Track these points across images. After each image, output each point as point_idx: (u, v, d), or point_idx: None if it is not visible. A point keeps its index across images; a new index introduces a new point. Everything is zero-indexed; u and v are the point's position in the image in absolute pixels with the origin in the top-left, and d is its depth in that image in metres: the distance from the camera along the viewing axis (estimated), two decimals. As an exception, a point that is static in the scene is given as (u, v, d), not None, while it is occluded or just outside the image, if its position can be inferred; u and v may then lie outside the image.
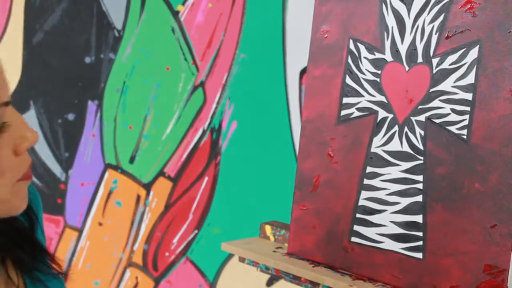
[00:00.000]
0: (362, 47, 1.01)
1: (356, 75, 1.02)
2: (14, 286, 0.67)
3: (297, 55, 1.34)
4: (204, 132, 1.58)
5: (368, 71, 1.00)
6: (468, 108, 0.88)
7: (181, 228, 1.64)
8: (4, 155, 0.58)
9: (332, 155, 1.04)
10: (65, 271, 0.75)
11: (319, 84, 1.07)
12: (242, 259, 1.16)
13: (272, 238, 1.21)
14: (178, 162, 1.65)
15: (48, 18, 1.84)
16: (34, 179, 1.85)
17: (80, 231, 1.84)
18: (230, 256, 1.51)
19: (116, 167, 1.76)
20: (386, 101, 0.98)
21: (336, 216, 1.04)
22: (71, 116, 1.81)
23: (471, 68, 0.87)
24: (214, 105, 1.55)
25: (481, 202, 0.86)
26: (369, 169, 1.00)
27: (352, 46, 1.03)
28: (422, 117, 0.93)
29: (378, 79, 0.99)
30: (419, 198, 0.93)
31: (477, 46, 0.87)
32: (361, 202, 1.00)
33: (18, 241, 0.69)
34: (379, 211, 0.98)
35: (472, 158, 0.87)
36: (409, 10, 0.95)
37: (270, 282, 1.43)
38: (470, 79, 0.88)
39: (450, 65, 0.90)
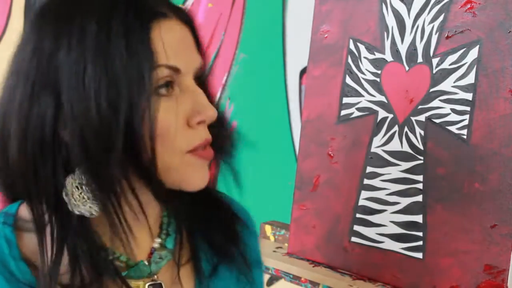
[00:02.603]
0: (362, 47, 1.01)
1: (356, 75, 1.02)
2: (181, 285, 0.68)
3: (297, 55, 1.34)
4: (204, 132, 1.58)
5: (368, 71, 1.00)
6: (468, 108, 0.88)
7: (181, 228, 1.64)
8: (172, 120, 0.59)
9: (332, 155, 1.04)
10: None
11: (319, 84, 1.07)
12: (242, 259, 1.16)
13: (272, 238, 1.21)
14: (178, 162, 1.65)
15: (48, 18, 1.84)
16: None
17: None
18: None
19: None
20: (386, 101, 0.98)
21: (336, 216, 1.04)
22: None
23: (471, 68, 0.87)
24: (214, 105, 1.55)
25: (481, 202, 0.86)
26: (369, 169, 1.00)
27: (352, 46, 1.03)
28: (422, 117, 0.93)
29: (378, 79, 0.99)
30: (419, 198, 0.93)
31: (477, 46, 0.87)
32: (361, 202, 1.00)
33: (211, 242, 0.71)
34: (379, 211, 0.98)
35: (472, 158, 0.87)
36: (409, 10, 0.95)
37: (270, 282, 1.43)
38: (470, 79, 0.88)
39: (450, 65, 0.90)
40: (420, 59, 0.94)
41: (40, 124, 0.57)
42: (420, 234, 0.93)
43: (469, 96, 0.88)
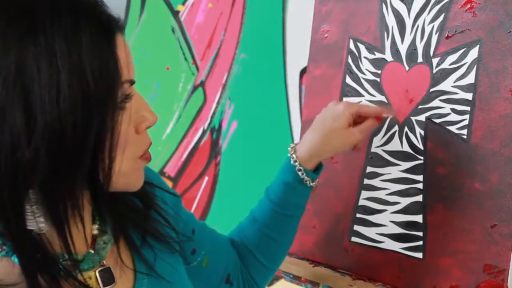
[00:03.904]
0: (362, 47, 1.01)
1: (356, 75, 1.02)
2: (123, 263, 0.71)
3: (297, 55, 1.34)
4: (204, 132, 1.58)
5: (368, 71, 1.00)
6: (468, 108, 0.88)
7: (181, 228, 1.64)
8: (127, 130, 0.63)
9: (332, 155, 1.04)
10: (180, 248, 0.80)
11: (319, 84, 1.07)
12: (242, 259, 1.16)
13: (272, 238, 1.20)
14: (178, 162, 1.65)
15: (48, 18, 1.84)
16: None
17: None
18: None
19: (116, 167, 1.76)
20: (386, 101, 0.98)
21: (336, 216, 1.04)
22: (71, 116, 1.80)
23: (471, 68, 0.87)
24: (214, 105, 1.55)
25: (481, 202, 0.86)
26: (369, 169, 1.00)
27: (352, 46, 1.02)
28: (422, 117, 0.93)
29: (378, 79, 0.99)
30: (419, 198, 0.93)
31: (477, 46, 0.87)
32: (361, 202, 1.00)
33: (133, 219, 0.75)
34: (379, 211, 0.98)
35: (472, 158, 0.87)
36: (409, 10, 0.95)
37: (270, 282, 1.43)
38: (470, 79, 0.87)
39: (450, 65, 0.90)
40: (420, 59, 0.94)
41: (10, 142, 0.55)
42: (420, 234, 0.93)
43: (469, 96, 0.88)
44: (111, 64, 0.58)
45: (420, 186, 0.93)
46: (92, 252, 0.69)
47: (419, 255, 0.93)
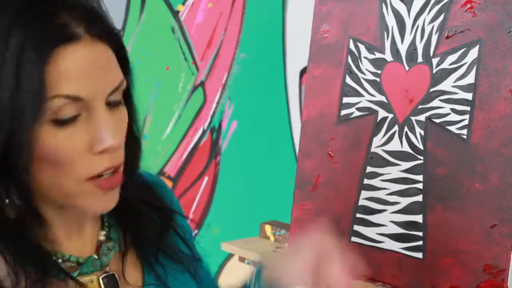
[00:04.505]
0: (362, 47, 1.01)
1: (356, 75, 1.02)
2: (123, 274, 0.70)
3: (297, 55, 1.34)
4: (204, 132, 1.58)
5: (368, 71, 1.00)
6: (468, 108, 0.88)
7: (181, 228, 1.64)
8: (72, 147, 0.59)
9: (332, 155, 1.04)
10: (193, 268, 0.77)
11: (319, 84, 1.07)
12: (242, 259, 1.16)
13: (272, 238, 1.21)
14: (178, 162, 1.65)
15: (48, 18, 1.84)
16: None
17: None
18: (230, 256, 1.50)
19: (116, 167, 1.76)
20: (386, 101, 0.98)
21: (336, 216, 1.04)
22: (71, 116, 1.80)
23: (471, 67, 0.87)
24: (214, 105, 1.55)
25: (481, 202, 0.86)
26: (369, 169, 1.00)
27: (352, 46, 1.02)
28: (422, 117, 0.93)
29: (378, 79, 0.99)
30: (419, 198, 0.93)
31: (477, 46, 0.87)
32: (361, 202, 1.00)
33: (147, 234, 0.73)
34: (379, 211, 0.98)
35: (472, 158, 0.87)
36: (409, 10, 0.95)
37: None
38: (470, 79, 0.87)
39: (450, 64, 0.90)
40: (420, 59, 0.94)
41: None
42: (420, 234, 0.93)
43: (469, 96, 0.88)
44: (34, 75, 0.56)
45: (420, 186, 0.93)
46: (95, 257, 0.69)
47: (419, 255, 0.93)
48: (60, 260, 0.66)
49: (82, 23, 0.58)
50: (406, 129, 0.95)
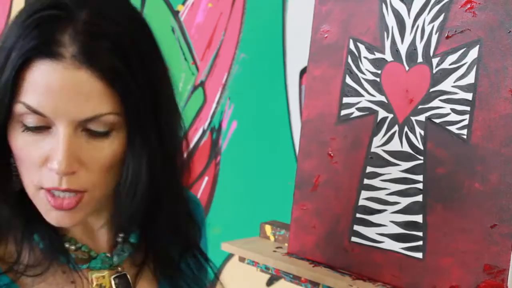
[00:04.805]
0: (362, 47, 1.01)
1: (356, 75, 1.02)
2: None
3: (297, 55, 1.34)
4: (204, 132, 1.58)
5: (368, 71, 1.00)
6: (468, 108, 0.88)
7: (181, 228, 1.63)
8: (32, 154, 0.60)
9: (332, 155, 1.04)
10: None
11: (319, 84, 1.07)
12: (242, 259, 1.16)
13: (272, 238, 1.21)
14: (178, 162, 1.65)
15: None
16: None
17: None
18: (230, 256, 1.50)
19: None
20: (386, 101, 0.98)
21: (336, 216, 1.04)
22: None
23: (471, 68, 0.87)
24: (214, 105, 1.55)
25: (481, 202, 0.86)
26: (369, 169, 1.00)
27: (352, 46, 1.02)
28: (422, 117, 0.93)
29: (378, 79, 0.99)
30: (419, 198, 0.93)
31: (477, 46, 0.87)
32: (361, 202, 1.00)
33: (167, 253, 0.74)
34: (379, 211, 0.98)
35: (472, 158, 0.87)
36: (409, 10, 0.95)
37: (270, 282, 1.43)
38: (470, 79, 0.87)
39: (450, 65, 0.90)
40: (420, 59, 0.94)
41: None
42: (420, 234, 0.93)
43: (469, 96, 0.88)
44: (8, 76, 0.58)
45: (420, 186, 0.93)
46: (108, 255, 0.70)
47: (419, 255, 0.93)
48: (73, 247, 0.67)
49: (76, 46, 0.57)
50: (406, 129, 0.95)
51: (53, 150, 0.59)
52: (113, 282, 0.68)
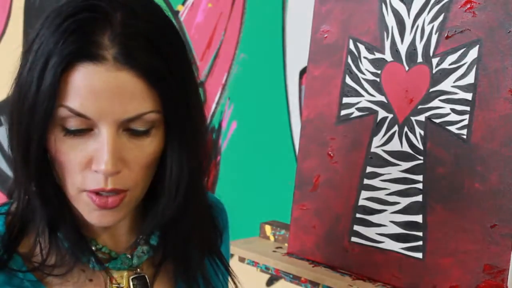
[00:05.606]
0: (362, 47, 1.01)
1: (356, 75, 1.02)
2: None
3: (297, 55, 1.34)
4: (204, 132, 1.58)
5: (368, 71, 1.00)
6: (468, 108, 0.88)
7: (181, 228, 1.63)
8: (75, 157, 0.61)
9: (332, 155, 1.04)
10: None
11: (319, 84, 1.07)
12: (242, 259, 1.16)
13: (272, 238, 1.21)
14: (178, 162, 1.65)
15: (48, 18, 1.84)
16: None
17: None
18: (230, 256, 1.50)
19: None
20: (386, 101, 0.98)
21: (336, 216, 1.04)
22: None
23: (471, 68, 0.87)
24: (214, 105, 1.55)
25: (481, 202, 0.86)
26: (369, 169, 1.00)
27: (352, 46, 1.03)
28: (422, 117, 0.93)
29: (378, 79, 0.99)
30: (419, 198, 0.93)
31: (477, 46, 0.87)
32: (361, 202, 1.00)
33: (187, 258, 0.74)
34: (379, 211, 0.98)
35: (472, 158, 0.87)
36: (409, 10, 0.95)
37: (270, 282, 1.43)
38: (470, 79, 0.87)
39: (450, 65, 0.90)
40: (420, 59, 0.94)
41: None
42: (420, 234, 0.93)
43: (469, 96, 0.88)
44: (50, 80, 0.58)
45: (420, 186, 0.93)
46: (128, 256, 0.70)
47: (419, 255, 0.93)
48: (93, 248, 0.68)
49: (116, 47, 0.58)
50: (406, 129, 0.95)
51: (97, 151, 0.60)
52: (131, 283, 0.69)
